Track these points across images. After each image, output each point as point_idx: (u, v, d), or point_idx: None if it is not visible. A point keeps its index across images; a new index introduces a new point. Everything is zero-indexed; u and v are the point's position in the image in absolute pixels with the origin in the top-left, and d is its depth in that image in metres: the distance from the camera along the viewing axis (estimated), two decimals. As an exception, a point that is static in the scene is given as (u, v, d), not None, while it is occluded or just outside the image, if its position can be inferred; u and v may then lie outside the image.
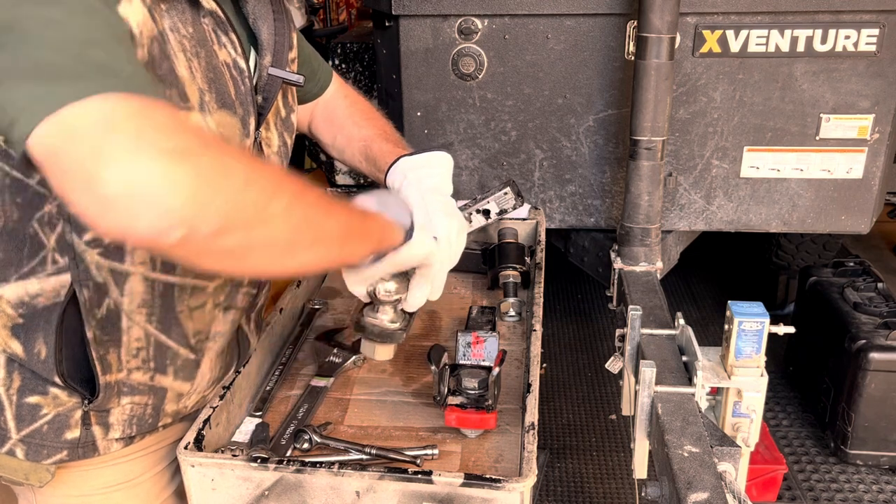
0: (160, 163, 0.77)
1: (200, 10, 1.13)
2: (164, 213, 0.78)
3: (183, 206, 0.79)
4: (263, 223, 0.90)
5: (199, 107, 1.11)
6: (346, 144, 1.61)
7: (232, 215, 0.84)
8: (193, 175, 0.80)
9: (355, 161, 1.61)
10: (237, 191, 0.85)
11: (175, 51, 1.07)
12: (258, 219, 0.88)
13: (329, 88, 1.61)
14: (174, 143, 0.80)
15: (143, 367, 1.21)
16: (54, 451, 1.19)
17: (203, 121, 1.11)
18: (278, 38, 1.28)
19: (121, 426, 1.23)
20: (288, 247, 0.96)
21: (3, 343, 1.16)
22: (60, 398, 1.18)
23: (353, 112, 1.63)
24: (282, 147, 1.37)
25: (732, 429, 1.52)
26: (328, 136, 1.63)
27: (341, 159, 1.64)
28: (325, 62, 1.62)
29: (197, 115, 1.10)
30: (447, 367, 1.33)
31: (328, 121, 1.61)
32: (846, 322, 2.67)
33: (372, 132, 1.59)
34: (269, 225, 0.91)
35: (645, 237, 2.15)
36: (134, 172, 0.77)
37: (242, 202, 0.85)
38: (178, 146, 0.80)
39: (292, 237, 0.96)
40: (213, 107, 1.13)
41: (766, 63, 2.16)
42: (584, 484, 2.72)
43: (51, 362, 1.15)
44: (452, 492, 1.11)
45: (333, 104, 1.62)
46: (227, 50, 1.17)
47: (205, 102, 1.11)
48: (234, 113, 1.17)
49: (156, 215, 0.78)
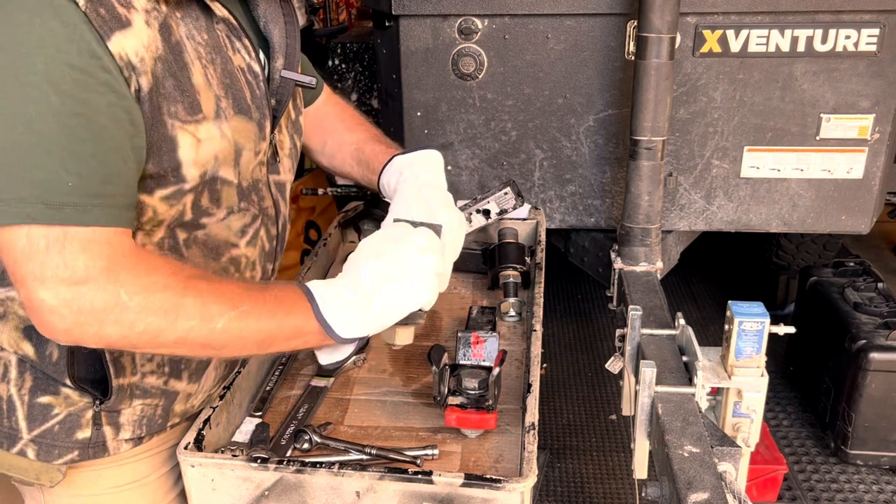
0: (54, 292, 0.95)
1: (213, 17, 1.13)
2: (58, 334, 0.99)
3: (67, 330, 0.98)
4: (161, 347, 1.04)
5: (215, 114, 1.11)
6: (336, 149, 1.61)
7: (127, 338, 1.00)
8: (77, 305, 0.96)
9: (346, 166, 1.61)
10: (126, 317, 0.99)
11: (192, 58, 1.08)
12: (154, 343, 1.03)
13: (320, 97, 1.62)
14: (71, 273, 0.95)
15: (157, 372, 1.22)
16: (65, 451, 1.19)
17: (219, 129, 1.11)
18: (289, 40, 1.28)
19: (131, 427, 1.23)
20: (200, 353, 1.11)
21: (15, 345, 1.16)
22: (72, 398, 1.18)
23: (344, 118, 1.63)
24: (293, 149, 1.38)
25: (733, 429, 1.52)
26: (317, 142, 1.62)
27: (330, 165, 1.63)
28: (315, 70, 1.62)
29: (211, 124, 1.10)
30: (447, 367, 1.33)
31: (318, 127, 1.62)
32: (846, 322, 2.67)
33: (363, 136, 1.59)
34: (169, 347, 1.05)
35: (645, 237, 2.15)
36: (35, 300, 0.95)
37: (133, 327, 1.00)
38: (75, 276, 0.95)
39: (195, 353, 1.10)
40: (230, 113, 1.13)
41: (766, 63, 2.16)
42: (584, 484, 2.72)
43: (62, 364, 1.15)
44: (452, 492, 1.11)
45: (323, 111, 1.62)
46: (241, 55, 1.18)
47: (221, 109, 1.12)
48: (251, 118, 1.18)
49: (52, 333, 0.99)
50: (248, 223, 1.25)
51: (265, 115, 1.22)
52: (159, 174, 1.07)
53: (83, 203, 0.95)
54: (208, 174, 1.12)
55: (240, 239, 1.25)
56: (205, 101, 1.09)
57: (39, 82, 0.92)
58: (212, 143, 1.11)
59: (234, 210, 1.21)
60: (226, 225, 1.21)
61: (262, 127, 1.21)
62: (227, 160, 1.15)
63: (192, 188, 1.11)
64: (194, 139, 1.08)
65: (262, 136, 1.22)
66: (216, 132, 1.11)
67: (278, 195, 1.33)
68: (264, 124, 1.22)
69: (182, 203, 1.11)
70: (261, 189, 1.26)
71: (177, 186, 1.09)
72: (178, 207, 1.11)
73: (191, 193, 1.12)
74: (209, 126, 1.10)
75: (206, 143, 1.10)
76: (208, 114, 1.10)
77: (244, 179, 1.21)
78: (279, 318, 1.10)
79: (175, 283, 1.02)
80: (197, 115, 1.08)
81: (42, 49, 0.92)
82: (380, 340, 1.53)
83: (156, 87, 1.02)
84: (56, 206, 0.93)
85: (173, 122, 1.05)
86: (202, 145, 1.09)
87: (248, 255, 1.27)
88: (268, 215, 1.30)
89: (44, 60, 0.92)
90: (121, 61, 0.97)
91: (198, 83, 1.08)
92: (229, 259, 1.24)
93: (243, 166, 1.19)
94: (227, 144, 1.13)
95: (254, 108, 1.19)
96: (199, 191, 1.13)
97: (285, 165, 1.35)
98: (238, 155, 1.17)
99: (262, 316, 1.08)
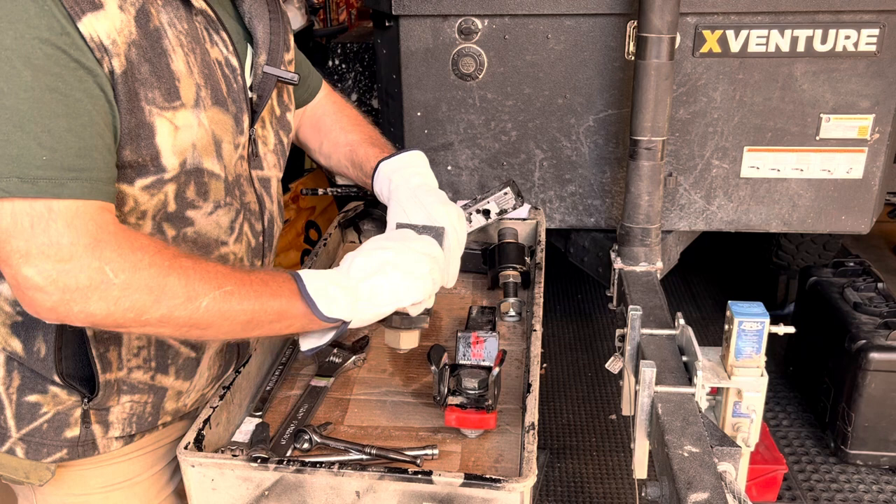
0: (39, 269, 0.95)
1: (192, 9, 1.14)
2: (43, 311, 0.99)
3: (53, 308, 0.98)
4: (147, 325, 1.04)
5: (195, 102, 1.11)
6: (332, 150, 1.62)
7: (112, 315, 1.00)
8: (63, 282, 0.96)
9: (342, 167, 1.61)
10: (111, 293, 0.99)
11: (173, 45, 1.08)
12: (139, 321, 1.02)
13: (318, 95, 1.62)
14: (56, 250, 0.95)
15: (143, 367, 1.21)
16: (54, 449, 1.19)
17: (197, 117, 1.12)
18: (274, 36, 1.29)
19: (120, 424, 1.23)
20: (185, 333, 1.08)
21: (3, 341, 1.16)
22: (60, 396, 1.18)
23: (341, 118, 1.63)
24: (278, 145, 1.38)
25: (732, 429, 1.52)
26: (315, 141, 1.63)
27: (328, 166, 1.65)
28: (315, 69, 1.62)
29: (188, 111, 1.10)
30: (447, 367, 1.33)
31: (315, 127, 1.62)
32: (846, 322, 2.67)
33: (358, 137, 1.60)
34: (154, 326, 1.05)
35: (645, 237, 2.15)
36: (21, 277, 0.96)
37: (118, 304, 1.00)
38: (60, 253, 0.95)
39: (181, 333, 1.09)
40: (208, 103, 1.14)
41: (766, 63, 2.16)
42: (584, 484, 2.72)
43: (50, 360, 1.15)
44: (452, 492, 1.11)
45: (322, 111, 1.63)
46: (218, 48, 1.19)
47: (200, 98, 1.12)
48: (227, 110, 1.18)
49: (37, 311, 0.99)
50: (233, 218, 1.25)
51: (242, 110, 1.22)
52: (139, 163, 1.07)
53: (58, 177, 0.95)
54: (188, 163, 1.13)
55: (228, 237, 1.25)
56: (184, 89, 1.10)
57: (10, 57, 0.92)
58: (189, 131, 1.11)
59: (221, 204, 1.21)
60: (214, 221, 1.21)
61: (238, 121, 1.21)
62: (207, 150, 1.15)
63: (173, 177, 1.12)
64: (171, 126, 1.08)
65: (239, 130, 1.22)
66: (193, 120, 1.11)
67: (262, 191, 1.33)
68: (241, 118, 1.22)
69: (163, 192, 1.12)
70: (242, 184, 1.27)
71: (157, 176, 1.10)
72: (159, 197, 1.12)
73: (172, 183, 1.12)
74: (186, 113, 1.10)
75: (184, 130, 1.10)
76: (187, 101, 1.10)
77: (229, 174, 1.21)
78: (264, 300, 1.10)
79: (160, 261, 1.02)
80: (174, 102, 1.08)
81: (11, 24, 0.92)
82: (380, 340, 1.53)
83: (130, 71, 1.02)
84: (30, 179, 0.94)
85: (151, 109, 1.05)
86: (179, 132, 1.09)
87: (235, 251, 1.28)
88: (250, 210, 1.30)
89: (13, 35, 0.92)
90: (92, 42, 0.98)
91: (178, 70, 1.09)
92: (218, 257, 1.25)
93: (227, 159, 1.20)
94: (204, 133, 1.14)
95: (230, 101, 1.19)
96: (181, 181, 1.13)
97: (269, 161, 1.35)
98: (218, 146, 1.17)
99: (247, 296, 1.09)
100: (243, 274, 1.11)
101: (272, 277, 1.14)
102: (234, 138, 1.21)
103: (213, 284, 1.05)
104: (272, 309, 1.11)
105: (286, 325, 1.15)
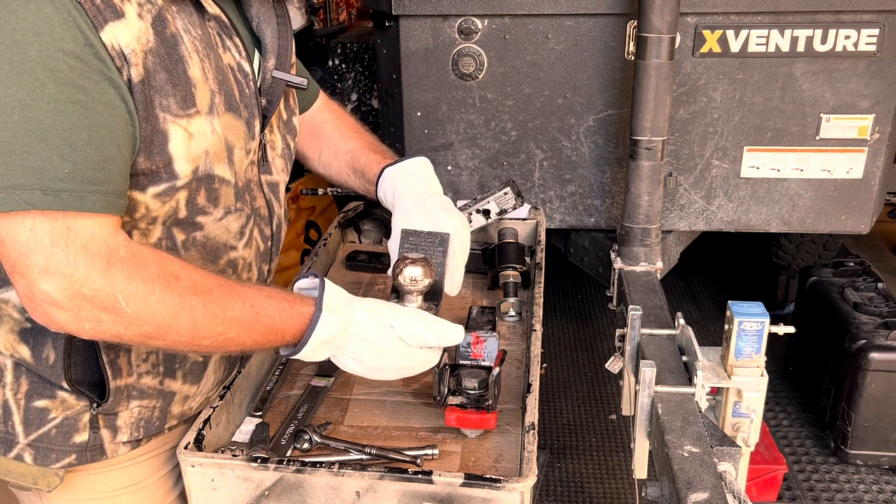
0: (58, 286, 0.96)
1: (205, 15, 1.13)
2: (53, 324, 1.00)
3: (64, 322, 0.99)
4: (150, 347, 1.11)
5: (209, 109, 1.11)
6: (332, 158, 1.61)
7: (120, 336, 1.03)
8: (79, 301, 0.97)
9: (342, 175, 1.61)
10: (122, 320, 1.00)
11: (189, 52, 1.08)
12: (143, 344, 1.07)
13: (315, 103, 1.61)
14: (73, 270, 0.96)
15: (152, 371, 1.22)
16: (63, 454, 1.19)
17: (210, 124, 1.12)
18: (282, 41, 1.28)
19: (128, 429, 1.23)
20: (184, 346, 1.10)
21: (11, 348, 1.15)
22: (68, 402, 1.17)
23: (340, 125, 1.63)
24: (285, 149, 1.38)
25: (732, 429, 1.52)
26: (314, 150, 1.62)
27: (327, 174, 1.64)
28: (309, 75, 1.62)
29: (203, 118, 1.10)
30: (447, 367, 1.33)
31: (314, 135, 1.61)
32: (846, 322, 2.67)
33: (359, 144, 1.59)
34: (157, 347, 1.10)
35: (645, 237, 2.15)
36: (38, 291, 0.96)
37: (128, 329, 1.02)
38: (77, 274, 0.96)
39: (181, 347, 1.10)
40: (222, 109, 1.14)
41: (766, 63, 2.16)
42: (584, 484, 2.72)
43: (59, 367, 1.15)
44: (452, 492, 1.11)
45: (320, 118, 1.62)
46: (231, 53, 1.18)
47: (214, 104, 1.12)
48: (240, 116, 1.18)
49: (47, 322, 1.01)
50: (243, 224, 1.25)
51: (254, 115, 1.22)
52: (151, 170, 1.07)
53: (79, 189, 0.96)
54: (200, 170, 1.13)
55: (238, 241, 1.25)
56: (200, 95, 1.09)
57: (34, 69, 0.92)
58: (203, 138, 1.11)
59: (231, 210, 1.21)
60: (224, 226, 1.21)
61: (250, 126, 1.21)
62: (219, 156, 1.15)
63: (185, 185, 1.11)
64: (186, 133, 1.08)
65: (251, 136, 1.22)
66: (207, 127, 1.11)
67: (271, 195, 1.33)
68: (253, 123, 1.22)
69: (175, 199, 1.12)
70: (252, 189, 1.27)
71: (169, 183, 1.10)
72: (170, 204, 1.12)
73: (184, 190, 1.12)
74: (201, 121, 1.10)
75: (198, 137, 1.10)
76: (202, 108, 1.10)
77: (240, 179, 1.21)
78: (264, 341, 1.14)
79: (170, 298, 1.03)
80: (189, 110, 1.08)
81: (36, 36, 0.92)
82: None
83: (147, 79, 1.02)
84: (53, 192, 0.94)
85: (165, 116, 1.05)
86: (193, 139, 1.09)
87: (244, 256, 1.27)
88: (260, 215, 1.30)
89: (38, 47, 0.92)
90: (113, 51, 0.98)
91: (195, 76, 1.09)
92: (227, 261, 1.24)
93: (237, 165, 1.20)
94: (217, 140, 1.14)
95: (242, 106, 1.19)
96: (193, 188, 1.13)
97: (277, 166, 1.35)
98: (230, 152, 1.17)
99: (249, 338, 1.12)
100: (253, 315, 1.11)
101: (282, 322, 1.14)
102: (245, 144, 1.21)
103: (218, 330, 1.08)
104: (268, 345, 1.16)
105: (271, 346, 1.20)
